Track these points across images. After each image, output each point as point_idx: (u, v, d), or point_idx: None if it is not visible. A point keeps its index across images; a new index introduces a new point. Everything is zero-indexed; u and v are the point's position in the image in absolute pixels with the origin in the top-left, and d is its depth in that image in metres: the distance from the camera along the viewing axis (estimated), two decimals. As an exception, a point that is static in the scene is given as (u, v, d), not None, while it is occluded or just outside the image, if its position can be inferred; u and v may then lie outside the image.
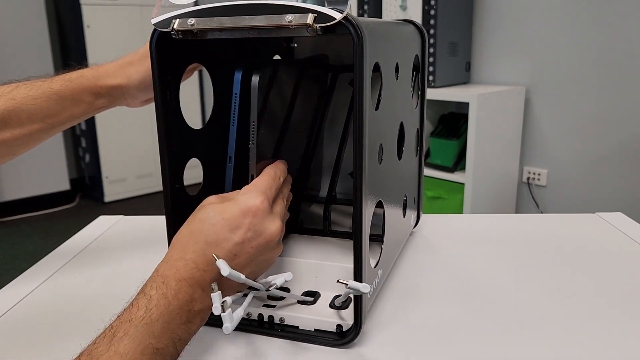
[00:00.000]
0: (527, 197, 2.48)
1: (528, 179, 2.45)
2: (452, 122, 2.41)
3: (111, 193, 3.49)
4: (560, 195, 2.37)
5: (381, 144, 0.55)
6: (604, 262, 0.71)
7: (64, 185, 3.45)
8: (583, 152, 2.27)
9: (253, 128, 0.57)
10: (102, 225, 0.90)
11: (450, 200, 2.28)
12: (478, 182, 2.22)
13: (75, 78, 0.66)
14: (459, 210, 2.25)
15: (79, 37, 3.22)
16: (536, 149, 2.41)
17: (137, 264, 0.74)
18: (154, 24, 0.50)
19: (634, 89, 2.09)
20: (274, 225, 0.50)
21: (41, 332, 0.58)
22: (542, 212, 2.42)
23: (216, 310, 0.44)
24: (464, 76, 2.47)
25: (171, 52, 0.54)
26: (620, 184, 2.19)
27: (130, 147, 3.51)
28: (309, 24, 0.44)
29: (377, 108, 0.53)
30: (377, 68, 0.52)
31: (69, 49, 3.44)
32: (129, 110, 0.72)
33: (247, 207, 0.49)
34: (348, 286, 0.47)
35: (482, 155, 2.20)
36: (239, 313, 0.46)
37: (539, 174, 2.41)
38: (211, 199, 0.52)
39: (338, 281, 0.49)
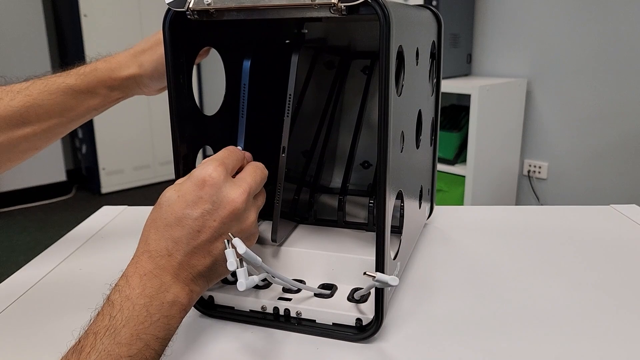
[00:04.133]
0: (528, 190, 2.47)
1: (529, 171, 2.44)
2: (453, 114, 2.39)
3: (108, 184, 3.45)
4: (561, 188, 2.37)
5: (402, 132, 0.53)
6: (623, 255, 0.70)
7: (60, 176, 3.42)
8: (584, 145, 2.26)
9: (289, 100, 0.56)
10: (107, 215, 0.88)
11: (451, 193, 2.26)
12: (479, 174, 2.21)
13: (89, 72, 0.65)
14: (459, 203, 2.24)
15: (76, 26, 3.17)
16: (537, 141, 2.40)
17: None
18: (167, 4, 0.48)
19: (635, 82, 2.08)
20: (234, 193, 0.46)
21: (50, 321, 0.57)
22: (542, 205, 2.41)
23: (231, 265, 0.42)
24: (465, 68, 2.45)
25: (185, 33, 0.52)
26: (620, 177, 2.18)
27: (127, 138, 3.47)
28: (334, 3, 0.42)
29: (399, 93, 0.51)
30: (398, 53, 0.50)
31: (66, 38, 3.39)
32: (126, 101, 0.71)
33: (200, 178, 0.45)
34: (375, 279, 0.45)
35: (483, 147, 2.18)
36: (255, 278, 0.44)
37: (540, 167, 2.41)
38: (179, 179, 0.49)
39: (365, 274, 0.47)
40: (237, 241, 0.43)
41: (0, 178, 3.18)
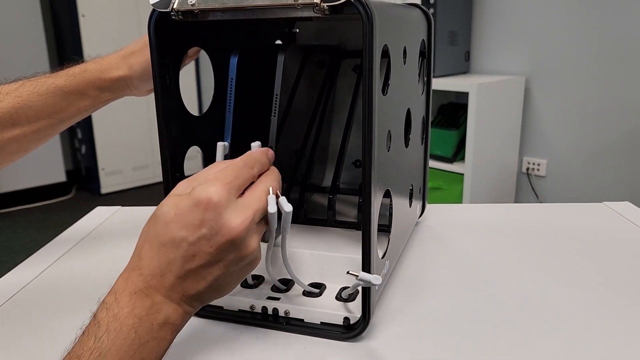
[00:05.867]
0: (527, 188, 2.47)
1: (527, 169, 2.44)
2: (452, 112, 2.39)
3: (107, 185, 3.46)
4: (560, 185, 2.36)
5: (389, 131, 0.53)
6: (614, 252, 0.70)
7: (59, 176, 3.42)
8: (583, 143, 2.26)
9: (276, 100, 0.56)
10: (100, 216, 0.88)
11: (450, 191, 2.26)
12: (477, 172, 2.21)
13: (78, 73, 0.65)
14: (458, 201, 2.24)
15: (74, 27, 3.17)
16: (536, 139, 2.39)
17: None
18: (152, 4, 0.48)
19: (634, 79, 2.08)
20: (235, 220, 0.42)
21: (40, 322, 0.57)
22: (541, 203, 2.41)
23: (272, 208, 0.44)
24: (464, 66, 2.45)
25: (170, 34, 0.52)
26: (619, 174, 2.18)
27: (126, 138, 3.48)
28: (316, 3, 0.42)
29: (385, 92, 0.51)
30: (384, 52, 0.50)
31: (64, 38, 3.39)
32: (125, 101, 0.71)
33: (200, 199, 0.41)
34: (358, 278, 0.46)
35: (481, 145, 2.18)
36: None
37: (539, 165, 2.40)
38: (180, 186, 0.45)
39: (348, 272, 0.47)
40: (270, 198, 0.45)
41: (0, 179, 3.19)
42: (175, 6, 0.47)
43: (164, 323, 0.41)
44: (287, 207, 0.45)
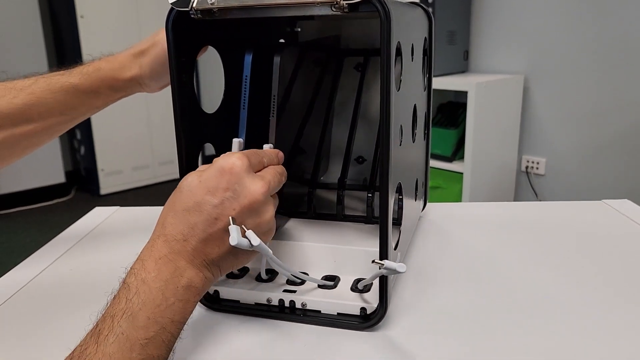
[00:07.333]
0: (526, 186, 2.48)
1: (527, 167, 2.45)
2: (451, 111, 2.40)
3: (107, 185, 3.45)
4: (559, 183, 2.38)
5: (401, 126, 0.54)
6: (613, 249, 0.70)
7: (59, 177, 3.42)
8: (582, 141, 2.27)
9: (274, 101, 0.57)
10: (99, 216, 0.88)
11: (449, 190, 2.28)
12: (477, 171, 2.22)
13: (92, 71, 0.66)
14: (457, 199, 2.25)
15: (73, 27, 3.17)
16: (535, 137, 2.41)
17: (135, 256, 0.73)
18: (171, 4, 0.49)
19: (633, 77, 2.09)
20: (255, 185, 0.46)
21: (39, 323, 0.57)
22: (540, 201, 2.42)
23: (232, 240, 0.43)
24: (462, 65, 2.46)
25: (186, 33, 0.53)
26: (618, 172, 2.20)
27: (125, 139, 3.47)
28: (336, 1, 0.43)
29: (398, 89, 0.52)
30: (397, 49, 0.51)
31: (63, 39, 3.39)
32: (124, 101, 0.72)
33: (223, 166, 0.46)
34: (384, 266, 0.47)
35: (480, 144, 2.20)
36: (244, 242, 0.45)
37: (538, 163, 2.42)
38: (200, 166, 0.50)
39: (373, 261, 0.48)
40: (250, 234, 0.44)
41: (0, 180, 3.19)
42: (195, 5, 0.48)
43: (187, 286, 0.44)
44: (255, 241, 0.45)
